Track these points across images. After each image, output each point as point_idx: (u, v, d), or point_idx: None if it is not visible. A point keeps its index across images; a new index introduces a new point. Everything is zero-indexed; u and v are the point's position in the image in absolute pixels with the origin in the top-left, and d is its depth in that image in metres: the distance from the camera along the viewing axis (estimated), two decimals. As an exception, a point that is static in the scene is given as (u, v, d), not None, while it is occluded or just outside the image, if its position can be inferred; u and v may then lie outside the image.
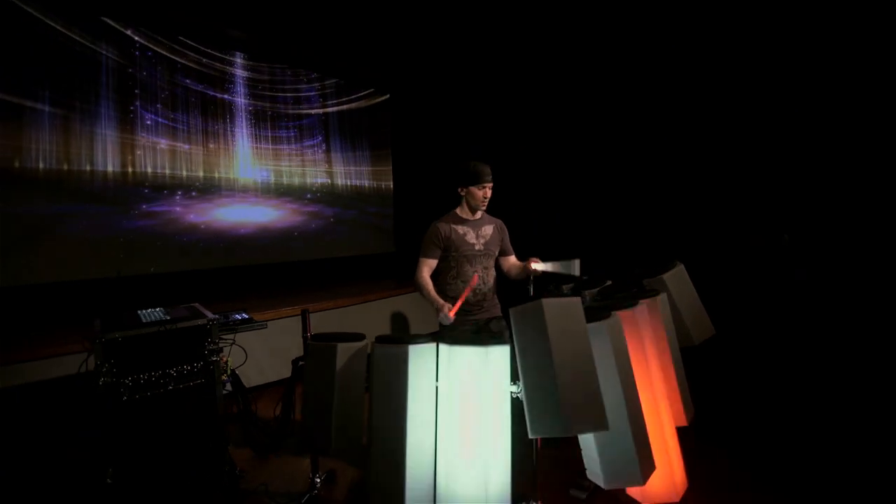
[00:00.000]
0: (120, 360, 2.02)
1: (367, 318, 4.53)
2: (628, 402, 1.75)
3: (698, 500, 2.13)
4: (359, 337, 1.95)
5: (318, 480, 2.27)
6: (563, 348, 1.51)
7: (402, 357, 1.73)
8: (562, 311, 1.57)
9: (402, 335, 1.83)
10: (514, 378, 1.72)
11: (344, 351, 1.84)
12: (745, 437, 2.71)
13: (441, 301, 2.30)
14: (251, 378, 3.48)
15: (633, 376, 1.84)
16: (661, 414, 1.95)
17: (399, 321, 4.81)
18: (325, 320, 4.15)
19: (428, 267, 2.44)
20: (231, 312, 2.54)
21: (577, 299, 1.61)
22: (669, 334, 2.24)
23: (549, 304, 1.55)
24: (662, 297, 2.25)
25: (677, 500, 2.04)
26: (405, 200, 6.14)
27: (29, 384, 2.65)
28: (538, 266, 2.35)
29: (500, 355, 1.70)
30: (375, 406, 1.77)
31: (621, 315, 1.91)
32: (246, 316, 2.51)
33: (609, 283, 2.62)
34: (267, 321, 3.28)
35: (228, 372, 2.34)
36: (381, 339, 1.84)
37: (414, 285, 2.46)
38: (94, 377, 1.98)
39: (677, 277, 2.40)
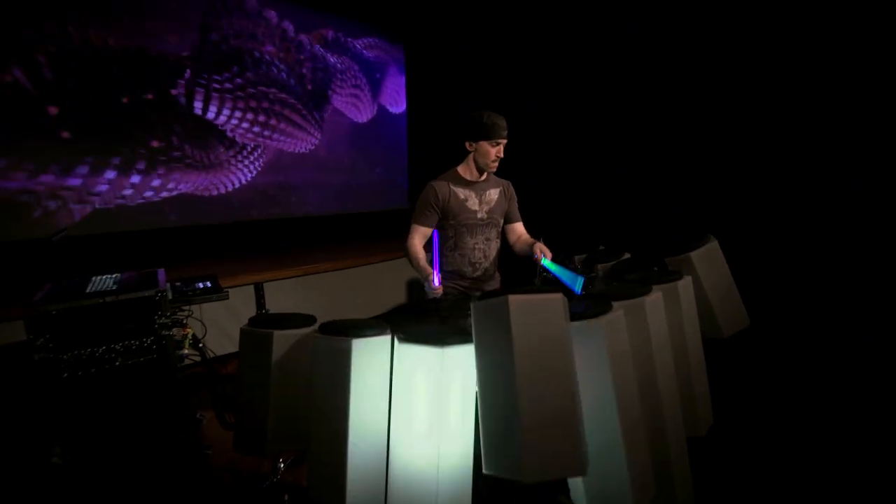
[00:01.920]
0: (57, 334, 1.84)
1: (375, 279, 4.29)
2: (624, 420, 1.40)
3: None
4: (308, 321, 1.67)
5: (281, 465, 2.10)
6: (532, 363, 1.15)
7: (346, 351, 1.43)
8: (537, 311, 1.20)
9: (354, 321, 1.52)
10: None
11: (281, 340, 1.57)
12: (766, 451, 2.29)
13: (429, 270, 1.98)
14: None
15: (634, 386, 1.47)
16: (668, 426, 1.59)
17: (414, 286, 4.54)
18: (326, 281, 3.96)
19: (421, 235, 2.09)
20: (195, 279, 2.31)
21: (559, 296, 1.23)
22: (691, 328, 1.83)
23: (516, 301, 1.18)
24: (685, 281, 1.82)
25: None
26: (419, 154, 5.71)
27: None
28: (545, 261, 1.92)
29: (461, 356, 1.37)
30: (314, 404, 1.51)
31: (627, 307, 1.52)
32: (209, 284, 2.28)
33: (627, 255, 2.22)
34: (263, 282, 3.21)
35: (186, 345, 2.15)
36: (325, 328, 1.54)
37: (404, 253, 2.13)
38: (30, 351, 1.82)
39: (708, 256, 1.93)
